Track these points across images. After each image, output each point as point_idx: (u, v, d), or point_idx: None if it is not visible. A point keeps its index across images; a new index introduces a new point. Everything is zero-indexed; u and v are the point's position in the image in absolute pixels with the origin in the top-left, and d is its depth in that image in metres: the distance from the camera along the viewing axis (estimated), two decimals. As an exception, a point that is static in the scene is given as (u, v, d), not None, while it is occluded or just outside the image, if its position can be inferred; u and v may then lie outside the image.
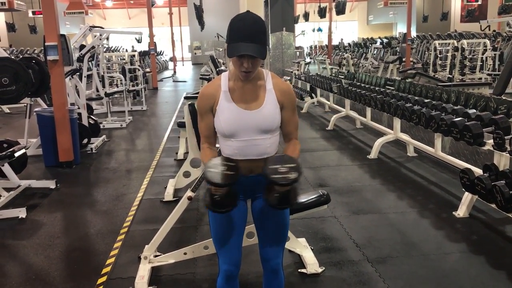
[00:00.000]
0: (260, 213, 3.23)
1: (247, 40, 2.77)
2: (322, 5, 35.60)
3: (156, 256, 4.97)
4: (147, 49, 29.56)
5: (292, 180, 2.75)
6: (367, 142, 10.66)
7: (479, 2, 25.54)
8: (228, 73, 3.09)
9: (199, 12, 25.08)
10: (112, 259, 5.24)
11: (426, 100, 8.63)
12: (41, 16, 10.17)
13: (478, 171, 6.26)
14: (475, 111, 7.06)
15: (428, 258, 5.02)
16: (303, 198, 4.66)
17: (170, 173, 8.73)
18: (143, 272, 4.74)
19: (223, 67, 13.48)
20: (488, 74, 19.07)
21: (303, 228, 5.88)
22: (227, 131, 3.01)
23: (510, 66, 13.16)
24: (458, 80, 18.75)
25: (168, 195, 7.29)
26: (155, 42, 26.05)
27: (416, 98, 9.09)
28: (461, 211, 6.21)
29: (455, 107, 7.57)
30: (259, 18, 2.88)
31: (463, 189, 6.10)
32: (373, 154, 9.41)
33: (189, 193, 4.74)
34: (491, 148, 5.85)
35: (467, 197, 6.21)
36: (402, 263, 4.92)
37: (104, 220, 6.54)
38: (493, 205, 5.48)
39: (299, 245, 5.10)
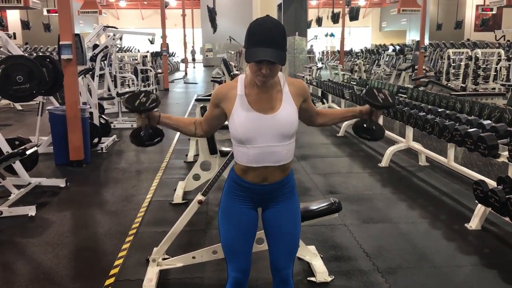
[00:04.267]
0: (272, 222, 3.18)
1: (266, 45, 2.70)
2: (336, 10, 35.58)
3: (164, 259, 4.93)
4: (159, 50, 29.61)
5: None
6: (378, 150, 10.59)
7: (494, 12, 25.42)
8: (245, 78, 3.01)
9: (212, 14, 25.11)
10: (120, 261, 5.22)
11: (439, 110, 8.58)
12: (56, 14, 10.18)
13: (491, 183, 6.20)
14: (490, 122, 7.01)
15: (440, 270, 4.96)
16: (314, 206, 4.63)
17: (179, 175, 8.70)
18: (151, 275, 4.71)
19: (235, 71, 13.44)
20: (502, 85, 18.98)
21: (313, 235, 5.84)
22: (243, 136, 2.93)
23: None
24: (471, 90, 18.69)
25: (178, 198, 7.25)
26: (167, 44, 26.10)
27: (429, 107, 9.04)
28: (474, 223, 6.13)
29: (469, 117, 7.53)
30: (279, 22, 2.83)
31: (476, 201, 6.02)
32: (384, 162, 9.34)
33: (199, 196, 4.71)
34: (506, 160, 5.80)
35: (480, 209, 6.14)
36: (412, 275, 4.87)
37: (113, 221, 6.52)
38: (507, 218, 5.43)
39: (309, 253, 5.05)
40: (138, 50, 36.71)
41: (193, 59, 53.25)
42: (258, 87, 2.94)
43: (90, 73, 11.99)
